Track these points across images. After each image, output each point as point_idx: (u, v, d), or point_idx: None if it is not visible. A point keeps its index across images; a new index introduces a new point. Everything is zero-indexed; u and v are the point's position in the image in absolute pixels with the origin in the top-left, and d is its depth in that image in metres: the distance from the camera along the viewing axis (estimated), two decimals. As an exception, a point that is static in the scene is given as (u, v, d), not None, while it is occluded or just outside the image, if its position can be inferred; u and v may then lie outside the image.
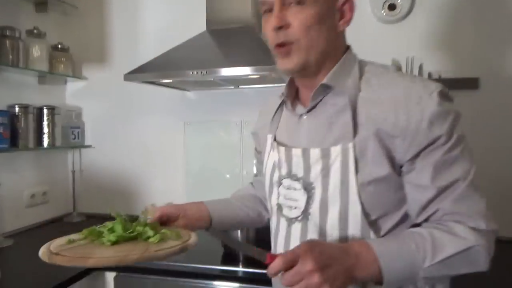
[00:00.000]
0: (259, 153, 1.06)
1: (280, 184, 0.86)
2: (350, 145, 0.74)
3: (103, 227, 0.81)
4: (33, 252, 1.58)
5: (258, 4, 0.79)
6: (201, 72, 1.46)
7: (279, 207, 0.86)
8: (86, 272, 1.38)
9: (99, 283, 1.44)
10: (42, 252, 0.76)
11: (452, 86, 1.62)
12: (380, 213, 0.75)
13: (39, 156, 1.97)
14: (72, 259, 0.70)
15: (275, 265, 0.64)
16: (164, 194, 2.03)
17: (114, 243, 0.76)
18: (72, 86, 2.16)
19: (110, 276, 1.42)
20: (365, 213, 0.74)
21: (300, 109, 0.86)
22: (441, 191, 0.71)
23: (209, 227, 0.97)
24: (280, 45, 0.76)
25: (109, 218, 2.02)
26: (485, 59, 1.62)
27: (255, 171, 1.16)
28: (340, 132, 0.76)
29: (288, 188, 0.83)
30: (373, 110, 0.74)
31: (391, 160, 0.73)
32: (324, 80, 0.78)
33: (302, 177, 0.80)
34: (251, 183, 1.15)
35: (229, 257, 1.45)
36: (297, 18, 0.74)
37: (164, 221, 0.90)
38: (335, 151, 0.76)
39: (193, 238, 0.80)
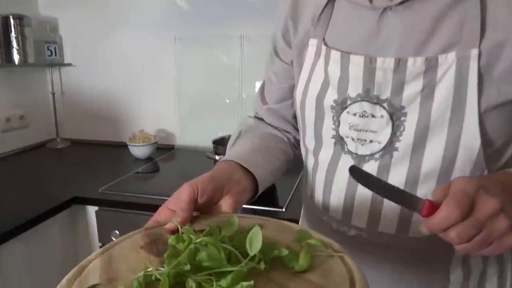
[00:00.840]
0: (287, 62, 0.73)
1: (343, 108, 0.61)
2: (474, 52, 0.51)
3: (176, 270, 0.38)
4: (11, 181, 1.47)
5: None
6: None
7: (340, 141, 0.63)
8: (67, 204, 1.24)
9: (80, 216, 1.30)
10: None
11: None
12: (498, 145, 0.54)
13: (11, 74, 1.73)
14: None
15: (448, 218, 0.41)
16: (155, 119, 1.82)
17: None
18: (45, -8, 1.85)
19: (92, 209, 1.27)
20: (484, 147, 0.54)
21: (380, 0, 0.58)
22: None
23: (253, 198, 0.65)
24: None
25: (95, 144, 1.85)
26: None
27: (258, 94, 0.81)
28: (454, 33, 0.53)
29: (362, 115, 0.59)
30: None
31: None
32: None
33: (389, 99, 0.57)
34: (255, 117, 0.82)
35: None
36: None
37: (202, 206, 0.54)
38: (446, 61, 0.52)
39: (333, 242, 0.45)
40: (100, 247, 1.27)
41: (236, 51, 1.68)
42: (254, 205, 1.16)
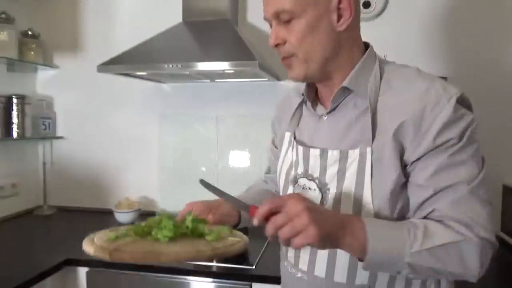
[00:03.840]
0: (275, 147, 1.05)
1: (295, 182, 0.86)
2: (368, 149, 0.74)
3: (148, 224, 0.76)
4: (2, 246, 1.57)
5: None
6: (177, 66, 1.45)
7: None
8: (57, 267, 1.36)
9: (71, 278, 1.42)
10: (95, 249, 0.69)
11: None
12: (389, 213, 0.74)
13: (8, 147, 1.91)
14: (144, 256, 0.66)
15: (261, 209, 0.64)
16: (138, 187, 2.01)
17: (170, 238, 0.71)
18: (43, 75, 2.09)
19: (83, 271, 1.41)
20: (376, 215, 0.74)
21: (320, 109, 0.85)
22: (438, 191, 0.70)
23: (238, 223, 0.94)
24: (283, 58, 0.80)
25: (81, 211, 1.99)
26: (454, 58, 1.67)
27: (267, 166, 1.15)
28: (359, 135, 0.77)
29: (303, 187, 0.84)
30: (393, 114, 0.73)
31: (401, 161, 0.73)
32: (345, 83, 0.78)
33: (318, 177, 0.81)
34: (264, 180, 1.14)
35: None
36: (291, 33, 0.76)
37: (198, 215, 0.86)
38: (353, 154, 0.76)
39: (244, 236, 0.79)
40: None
41: (212, 128, 1.94)
42: (227, 263, 1.34)
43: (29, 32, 1.92)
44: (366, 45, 0.84)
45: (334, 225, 0.65)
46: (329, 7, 0.74)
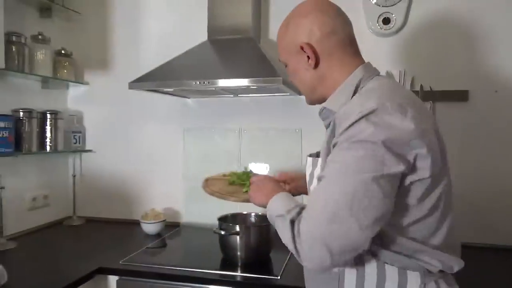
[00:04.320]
0: None
1: None
2: (320, 161, 0.92)
3: (235, 173, 1.47)
4: (36, 255, 1.65)
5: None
6: (203, 82, 1.52)
7: None
8: (89, 275, 1.41)
9: (102, 286, 1.48)
10: (206, 179, 1.48)
11: (443, 98, 1.71)
12: None
13: (41, 160, 2.01)
14: (206, 188, 1.41)
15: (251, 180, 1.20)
16: (163, 199, 2.07)
17: (231, 183, 1.37)
18: (74, 91, 2.20)
19: (113, 279, 1.46)
20: None
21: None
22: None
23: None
24: None
25: (108, 222, 2.05)
26: (475, 73, 1.69)
27: None
28: (324, 150, 0.91)
29: None
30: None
31: None
32: (324, 104, 0.95)
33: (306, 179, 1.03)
34: None
35: (228, 262, 1.50)
36: (289, 75, 1.04)
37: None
38: (318, 161, 0.94)
39: None
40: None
41: (235, 140, 1.99)
42: (251, 273, 1.37)
43: (62, 51, 2.03)
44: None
45: (263, 195, 1.02)
46: (297, 54, 0.95)
